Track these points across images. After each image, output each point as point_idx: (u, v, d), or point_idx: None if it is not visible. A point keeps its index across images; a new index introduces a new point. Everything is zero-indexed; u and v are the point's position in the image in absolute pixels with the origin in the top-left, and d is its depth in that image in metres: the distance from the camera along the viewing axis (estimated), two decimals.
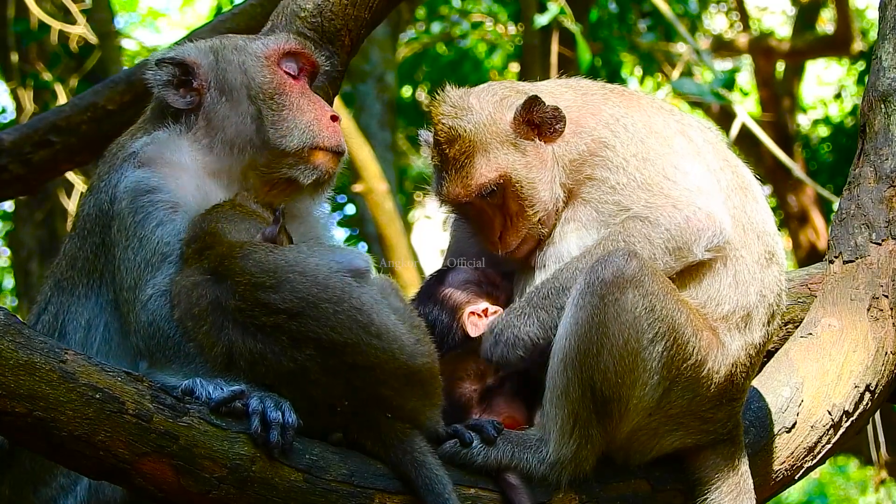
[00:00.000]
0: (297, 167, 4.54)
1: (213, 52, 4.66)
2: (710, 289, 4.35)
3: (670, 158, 4.40)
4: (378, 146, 13.94)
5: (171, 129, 4.57)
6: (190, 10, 21.84)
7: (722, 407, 4.36)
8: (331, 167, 4.57)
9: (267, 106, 4.55)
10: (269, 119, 4.54)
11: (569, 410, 4.16)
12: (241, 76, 4.59)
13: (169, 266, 4.24)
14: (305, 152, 4.53)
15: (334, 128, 4.59)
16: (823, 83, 23.19)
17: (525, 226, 4.48)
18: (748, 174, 4.60)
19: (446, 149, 4.49)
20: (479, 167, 4.46)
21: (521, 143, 4.47)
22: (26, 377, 3.72)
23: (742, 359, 4.36)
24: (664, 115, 4.57)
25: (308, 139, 4.53)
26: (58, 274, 4.59)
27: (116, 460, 3.80)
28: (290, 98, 4.59)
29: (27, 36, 12.06)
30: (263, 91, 4.57)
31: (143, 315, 4.18)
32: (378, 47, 14.68)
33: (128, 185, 4.39)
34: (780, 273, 4.50)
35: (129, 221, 4.33)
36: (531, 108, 4.45)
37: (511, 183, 4.45)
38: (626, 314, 4.13)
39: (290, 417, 3.91)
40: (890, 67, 5.22)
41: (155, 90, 4.60)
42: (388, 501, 4.01)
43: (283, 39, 4.71)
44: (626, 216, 4.34)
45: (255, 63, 4.62)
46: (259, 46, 4.67)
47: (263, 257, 4.08)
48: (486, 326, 4.48)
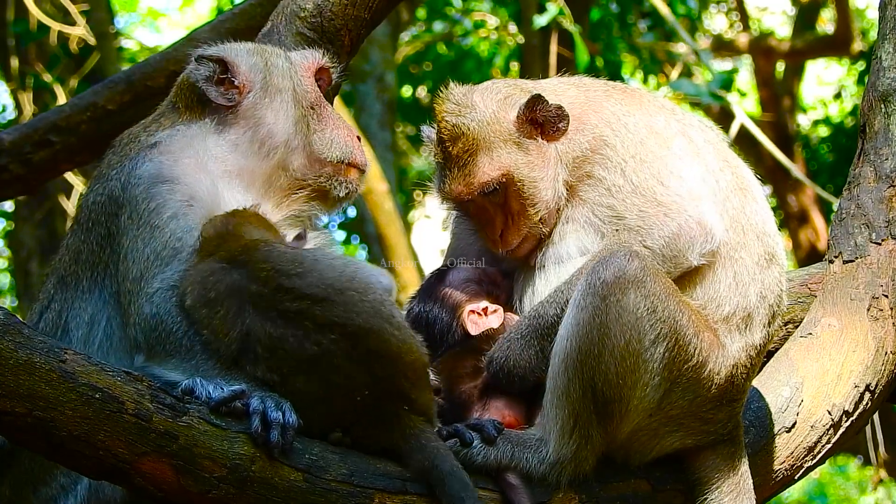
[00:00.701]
0: (332, 179, 4.68)
1: (257, 54, 4.76)
2: (710, 290, 4.35)
3: (667, 161, 4.40)
4: (378, 146, 13.94)
5: (196, 123, 4.60)
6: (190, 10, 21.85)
7: (722, 408, 4.36)
8: (359, 185, 4.78)
9: (310, 114, 4.68)
10: (313, 126, 4.68)
11: (569, 411, 4.16)
12: (288, 81, 4.70)
13: (179, 262, 4.22)
14: (343, 166, 4.70)
15: (361, 147, 4.79)
16: (823, 83, 23.19)
17: (526, 225, 4.48)
18: (749, 174, 4.60)
19: (449, 146, 4.49)
20: (482, 165, 4.46)
21: (524, 141, 4.48)
22: (26, 377, 3.72)
23: (742, 360, 4.36)
24: (665, 114, 4.57)
25: (347, 153, 4.71)
26: (60, 270, 4.55)
27: (116, 460, 3.79)
28: (327, 111, 4.76)
29: (27, 37, 12.07)
30: (308, 100, 4.71)
31: (146, 307, 4.15)
32: (378, 47, 14.68)
33: (145, 171, 4.38)
34: (780, 274, 4.50)
35: (142, 207, 4.30)
36: (534, 106, 4.45)
37: (513, 182, 4.45)
38: (628, 315, 4.13)
39: (291, 417, 3.91)
40: (890, 67, 5.22)
41: (198, 85, 4.62)
42: (388, 501, 4.00)
43: (320, 55, 4.88)
44: (620, 225, 4.34)
45: (300, 71, 4.76)
46: (299, 58, 4.82)
47: (287, 250, 4.14)
48: (485, 325, 4.48)
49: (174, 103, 4.71)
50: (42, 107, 12.16)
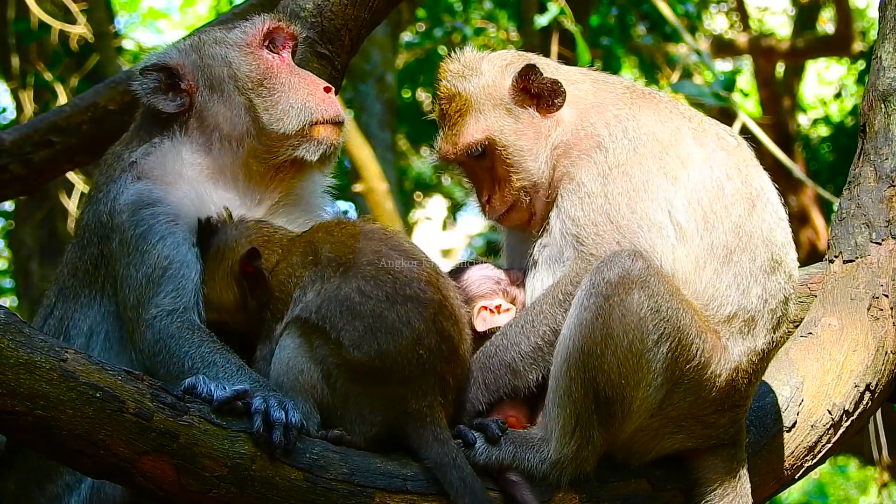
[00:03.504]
0: (301, 146, 4.55)
1: (194, 50, 4.65)
2: (710, 288, 4.34)
3: (652, 177, 4.37)
4: (378, 146, 13.94)
5: (167, 134, 4.57)
6: (190, 10, 21.83)
7: (724, 413, 4.34)
8: (334, 138, 4.59)
9: (257, 94, 4.55)
10: (262, 106, 4.54)
11: (571, 410, 4.16)
12: (226, 69, 4.59)
13: (168, 281, 4.25)
14: (306, 130, 4.55)
15: (330, 99, 4.60)
16: (824, 82, 23.18)
17: (510, 192, 4.51)
18: (763, 183, 4.53)
19: (444, 105, 4.57)
20: (469, 126, 4.52)
21: (516, 109, 4.52)
22: (27, 376, 3.72)
23: (744, 364, 4.33)
24: (677, 120, 4.53)
25: (306, 116, 4.55)
26: (60, 282, 4.62)
27: (117, 459, 3.80)
28: (280, 79, 4.59)
29: (27, 36, 12.07)
30: (251, 79, 4.57)
31: (148, 333, 4.21)
32: (378, 47, 14.68)
33: (128, 198, 4.40)
34: (786, 281, 4.44)
35: (129, 235, 4.35)
36: (528, 76, 4.49)
37: (497, 146, 4.50)
38: (632, 315, 4.12)
39: (294, 417, 3.91)
40: (890, 67, 5.22)
41: (144, 99, 4.59)
42: (389, 500, 4.01)
43: (260, 21, 4.69)
44: (575, 256, 4.33)
45: (238, 52, 4.62)
46: (238, 35, 4.66)
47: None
48: (494, 323, 4.48)
49: (143, 115, 4.70)
50: (43, 106, 12.16)
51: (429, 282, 4.17)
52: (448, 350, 4.12)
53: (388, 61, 15.06)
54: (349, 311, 4.07)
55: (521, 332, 4.31)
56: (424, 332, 4.07)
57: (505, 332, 4.34)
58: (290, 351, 4.12)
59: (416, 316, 4.08)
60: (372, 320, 4.05)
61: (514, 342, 4.30)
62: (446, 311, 4.16)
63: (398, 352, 4.04)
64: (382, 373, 4.04)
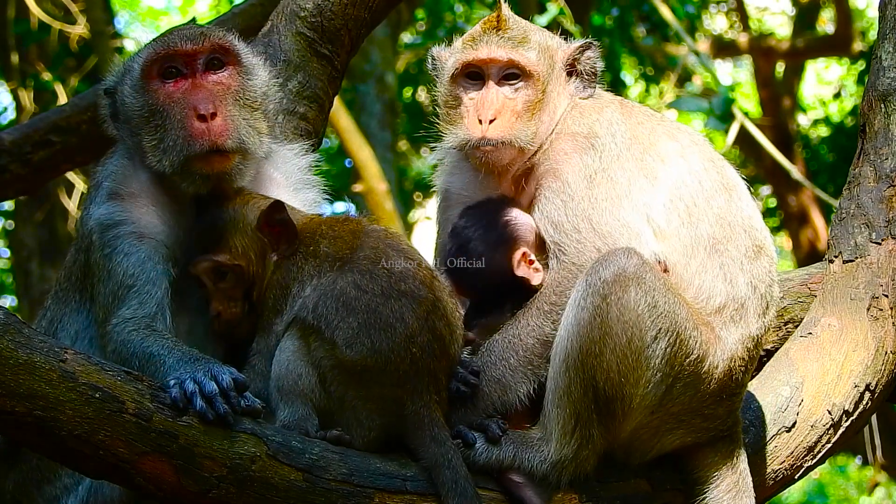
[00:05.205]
0: (183, 182, 4.40)
1: (126, 79, 4.52)
2: (696, 280, 4.37)
3: (633, 181, 4.44)
4: (378, 146, 13.94)
5: (131, 153, 4.55)
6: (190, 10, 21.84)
7: (722, 403, 4.37)
8: (217, 168, 4.36)
9: (146, 131, 4.43)
10: (148, 146, 4.42)
11: (570, 410, 4.17)
12: (126, 105, 4.49)
13: (133, 296, 4.29)
14: (183, 168, 4.36)
15: (205, 127, 4.33)
16: (824, 82, 23.19)
17: (515, 124, 4.50)
18: (734, 174, 4.64)
19: (511, 23, 4.63)
20: (528, 51, 4.59)
21: (560, 70, 4.65)
22: (26, 376, 3.73)
23: (740, 352, 4.37)
24: (652, 122, 4.64)
25: (177, 156, 4.35)
26: (57, 284, 4.70)
27: (116, 459, 3.80)
28: (161, 115, 4.39)
29: (27, 36, 12.08)
30: (140, 116, 4.45)
31: (109, 346, 4.25)
32: (378, 47, 14.69)
33: (97, 219, 4.44)
34: (769, 265, 4.52)
35: (98, 255, 4.40)
36: (585, 51, 4.67)
37: (536, 81, 4.55)
38: (629, 313, 4.14)
39: (225, 380, 3.90)
40: (890, 67, 5.22)
41: (103, 122, 4.61)
42: (388, 500, 4.01)
43: (150, 49, 4.46)
44: (558, 266, 4.35)
45: (133, 85, 4.47)
46: (138, 62, 4.47)
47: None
48: (528, 275, 4.43)
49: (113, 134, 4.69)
50: (42, 106, 12.17)
51: (424, 282, 4.18)
52: (440, 349, 4.14)
53: (388, 61, 15.07)
54: (344, 306, 4.09)
55: (509, 347, 4.30)
56: (417, 330, 4.09)
57: (491, 348, 4.32)
58: (289, 354, 4.13)
59: (409, 312, 4.10)
60: (366, 316, 4.07)
61: (501, 357, 4.29)
62: (439, 312, 4.17)
63: (391, 349, 4.05)
64: (376, 372, 4.05)
